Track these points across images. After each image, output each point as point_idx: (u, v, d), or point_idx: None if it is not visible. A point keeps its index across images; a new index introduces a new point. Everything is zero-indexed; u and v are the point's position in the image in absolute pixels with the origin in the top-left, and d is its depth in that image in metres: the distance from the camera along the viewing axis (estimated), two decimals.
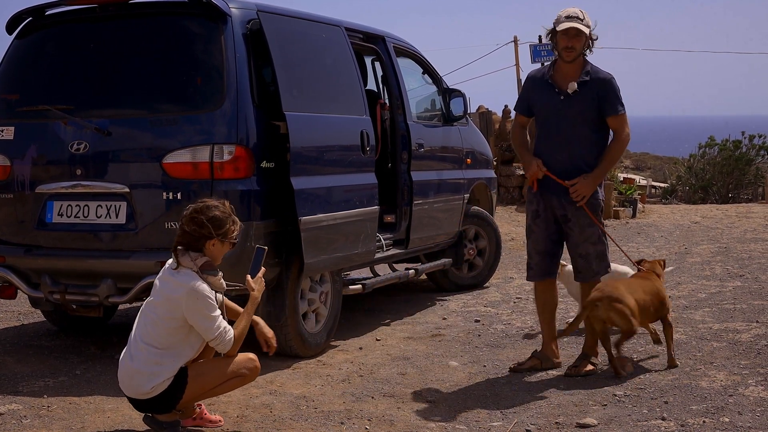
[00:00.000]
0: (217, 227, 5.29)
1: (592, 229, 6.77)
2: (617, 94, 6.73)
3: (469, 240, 10.46)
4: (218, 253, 5.38)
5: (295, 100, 7.07)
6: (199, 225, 5.27)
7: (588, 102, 6.68)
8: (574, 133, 6.70)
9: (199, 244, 5.30)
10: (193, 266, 5.25)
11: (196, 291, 5.18)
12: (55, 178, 7.10)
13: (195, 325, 5.21)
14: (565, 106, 6.68)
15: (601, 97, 6.68)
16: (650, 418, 5.66)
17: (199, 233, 5.28)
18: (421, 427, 5.63)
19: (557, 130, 6.71)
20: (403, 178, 8.83)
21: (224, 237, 5.33)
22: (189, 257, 5.28)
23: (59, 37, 7.51)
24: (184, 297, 5.17)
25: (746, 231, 16.01)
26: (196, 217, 5.29)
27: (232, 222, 5.37)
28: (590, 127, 6.73)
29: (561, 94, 6.69)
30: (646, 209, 20.42)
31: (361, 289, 8.11)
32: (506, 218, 17.02)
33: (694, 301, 9.37)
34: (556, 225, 6.86)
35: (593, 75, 6.69)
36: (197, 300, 5.17)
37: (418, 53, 9.83)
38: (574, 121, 6.69)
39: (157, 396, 5.25)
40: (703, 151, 31.63)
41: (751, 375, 6.53)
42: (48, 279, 7.03)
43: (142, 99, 7.08)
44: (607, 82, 6.70)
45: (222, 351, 5.34)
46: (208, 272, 5.29)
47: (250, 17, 7.03)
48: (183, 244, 5.31)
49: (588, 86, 6.67)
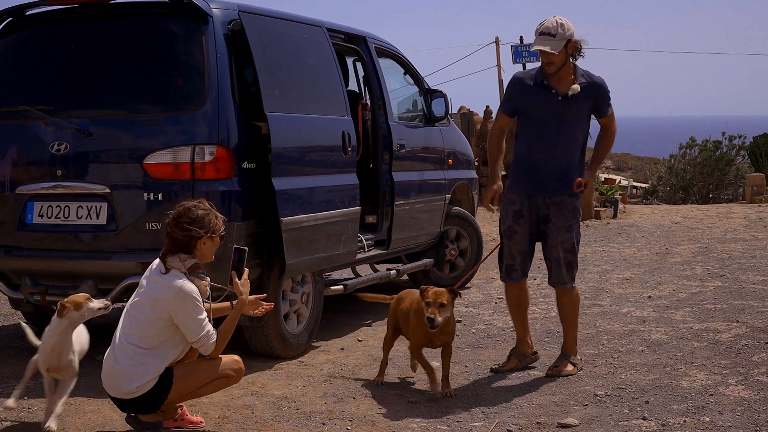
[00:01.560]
0: (202, 226, 5.29)
1: (568, 234, 6.80)
2: (608, 96, 6.89)
3: (450, 240, 10.46)
4: (209, 250, 5.40)
5: (276, 101, 7.06)
6: (185, 229, 5.27)
7: (584, 104, 6.77)
8: (570, 134, 6.76)
9: (190, 246, 5.30)
10: (182, 267, 5.25)
11: (184, 291, 5.17)
12: (35, 178, 7.08)
13: (180, 325, 5.20)
14: (563, 107, 6.71)
15: (597, 101, 6.81)
16: (631, 418, 5.68)
17: (188, 236, 5.28)
18: (402, 428, 5.63)
19: (557, 131, 6.72)
20: (384, 178, 8.83)
21: (212, 233, 5.34)
22: (178, 258, 5.27)
23: (39, 37, 7.48)
24: (172, 297, 5.16)
25: (726, 231, 16.08)
26: (180, 222, 5.29)
27: (214, 216, 5.38)
28: (581, 128, 6.82)
29: (559, 96, 6.71)
30: (627, 209, 20.49)
31: (342, 289, 8.11)
32: (488, 219, 17.03)
33: (675, 301, 9.40)
34: (536, 225, 6.87)
35: (588, 79, 6.77)
36: (185, 300, 5.17)
37: (400, 54, 9.83)
38: (571, 122, 6.74)
39: (141, 396, 5.24)
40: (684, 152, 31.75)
41: (732, 374, 6.56)
42: (28, 280, 7.01)
43: (122, 99, 7.06)
44: (601, 86, 6.83)
45: (204, 353, 5.35)
46: (195, 274, 5.29)
47: (232, 18, 7.02)
48: (173, 251, 5.31)
49: (585, 89, 6.73)
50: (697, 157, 30.77)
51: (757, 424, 5.47)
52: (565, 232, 6.79)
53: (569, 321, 6.97)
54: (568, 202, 6.78)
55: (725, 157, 30.32)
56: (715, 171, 30.04)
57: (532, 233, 6.90)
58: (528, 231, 6.88)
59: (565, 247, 6.82)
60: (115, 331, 5.36)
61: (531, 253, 6.99)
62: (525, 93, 6.85)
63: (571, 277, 6.89)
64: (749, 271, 11.25)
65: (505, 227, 6.96)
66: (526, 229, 6.87)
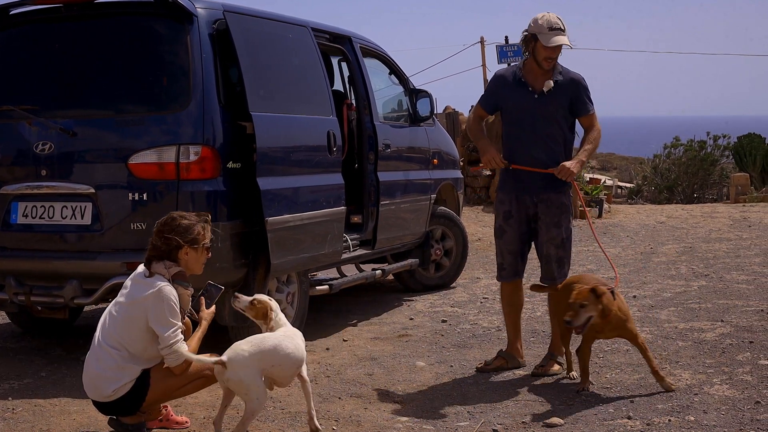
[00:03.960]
0: (183, 235, 5.27)
1: (557, 230, 6.80)
2: (588, 94, 6.83)
3: (435, 240, 10.46)
4: (193, 261, 5.37)
5: (261, 101, 7.06)
6: (166, 237, 5.26)
7: (561, 101, 6.74)
8: (547, 131, 6.74)
9: (172, 254, 5.28)
10: (166, 273, 5.23)
11: (162, 293, 5.15)
12: (19, 178, 7.06)
13: (154, 327, 5.15)
14: (538, 104, 6.71)
15: (574, 97, 6.76)
16: (616, 417, 5.69)
17: (169, 244, 5.26)
18: (388, 428, 5.64)
19: (531, 129, 6.73)
20: (369, 178, 8.83)
21: (194, 243, 5.31)
22: (163, 265, 5.26)
23: (24, 36, 7.46)
24: (149, 298, 5.14)
25: (711, 231, 16.12)
26: (163, 230, 5.29)
27: (201, 228, 5.35)
28: (561, 126, 6.79)
29: (535, 93, 6.72)
30: (612, 209, 20.50)
31: (327, 289, 8.12)
32: (473, 218, 17.04)
33: (660, 301, 9.42)
34: (527, 225, 6.88)
35: (565, 75, 6.75)
36: (161, 302, 5.14)
37: (385, 53, 9.83)
38: (547, 119, 6.72)
39: (119, 399, 5.22)
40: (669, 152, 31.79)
41: (716, 374, 6.58)
42: (13, 280, 6.98)
43: (107, 99, 7.05)
44: (578, 82, 6.79)
45: (171, 363, 5.23)
46: (179, 282, 5.27)
47: (217, 17, 7.01)
48: (156, 257, 5.29)
49: (561, 86, 6.72)
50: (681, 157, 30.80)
51: (742, 423, 5.49)
52: (553, 228, 6.80)
53: (558, 318, 6.96)
54: (555, 198, 6.78)
55: (710, 157, 30.35)
56: (699, 171, 30.06)
57: (523, 232, 6.90)
58: (518, 231, 6.88)
59: (555, 243, 6.82)
60: (95, 332, 5.34)
61: (523, 253, 6.98)
62: (504, 90, 6.85)
63: (561, 274, 6.87)
64: (734, 271, 11.28)
65: (496, 226, 6.99)
66: (516, 229, 6.87)
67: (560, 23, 6.62)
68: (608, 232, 16.40)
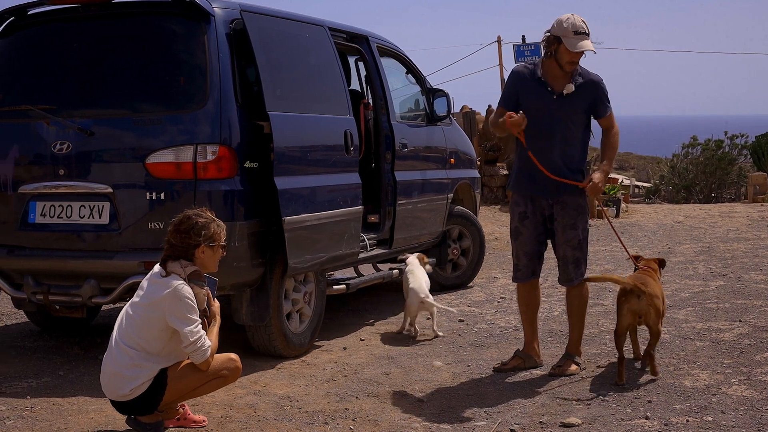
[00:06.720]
0: (200, 234, 5.28)
1: (573, 232, 6.78)
2: (606, 95, 6.81)
3: (452, 240, 10.46)
4: (209, 260, 5.38)
5: (278, 100, 7.06)
6: (184, 235, 5.27)
7: (581, 104, 6.71)
8: (565, 133, 6.71)
9: (188, 253, 5.29)
10: (182, 273, 5.24)
11: (179, 292, 5.16)
12: (37, 178, 7.08)
13: (174, 325, 5.16)
14: (558, 106, 6.67)
15: (594, 99, 6.74)
16: (634, 418, 5.68)
17: (186, 243, 5.27)
18: (405, 427, 5.63)
19: (549, 130, 6.69)
20: (386, 178, 8.82)
21: (211, 242, 5.32)
22: (179, 264, 5.27)
23: (42, 36, 7.47)
24: (167, 297, 5.15)
25: (729, 230, 16.06)
26: (180, 228, 5.29)
27: (216, 226, 5.36)
28: (579, 127, 6.76)
29: (554, 94, 6.69)
30: (629, 209, 20.47)
31: (345, 289, 8.11)
32: (490, 218, 17.03)
33: (678, 301, 9.39)
34: (543, 225, 6.86)
35: (585, 77, 6.71)
36: (179, 301, 5.15)
37: (402, 53, 9.82)
38: (566, 121, 6.69)
39: (136, 398, 5.24)
40: (686, 151, 31.73)
41: (734, 374, 6.55)
42: (31, 280, 7.00)
43: (125, 99, 7.06)
44: (598, 84, 6.76)
45: (197, 360, 5.26)
46: (195, 282, 5.28)
47: (234, 17, 7.01)
48: (172, 257, 5.30)
49: (581, 88, 6.68)
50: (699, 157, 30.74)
51: (760, 424, 5.47)
52: (570, 230, 6.78)
53: (575, 317, 6.94)
54: (571, 200, 6.75)
55: (727, 156, 30.29)
56: (717, 170, 30.01)
57: (540, 233, 6.88)
58: (534, 232, 6.86)
59: (571, 244, 6.80)
60: (113, 332, 5.35)
61: (539, 254, 6.96)
62: (523, 89, 6.80)
63: (578, 274, 6.86)
64: (752, 271, 11.23)
65: (512, 227, 6.97)
66: (531, 230, 6.86)
67: (585, 27, 6.57)
68: (625, 232, 16.35)
